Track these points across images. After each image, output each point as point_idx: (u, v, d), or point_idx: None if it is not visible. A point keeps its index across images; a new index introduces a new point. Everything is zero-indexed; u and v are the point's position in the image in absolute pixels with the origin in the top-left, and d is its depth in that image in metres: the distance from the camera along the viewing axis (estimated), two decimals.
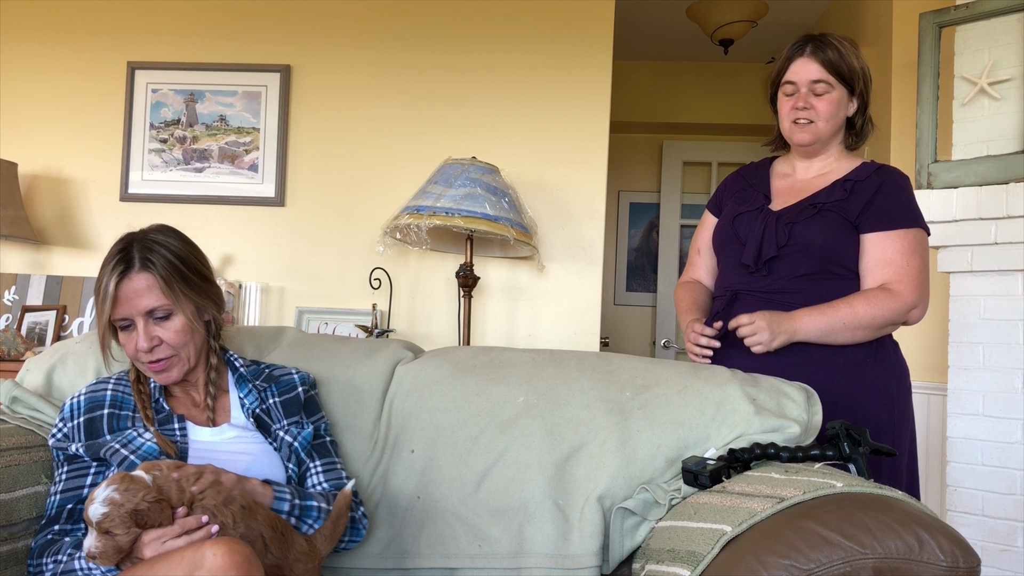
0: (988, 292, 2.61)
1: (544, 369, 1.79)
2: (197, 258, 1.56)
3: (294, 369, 1.68)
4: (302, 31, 3.40)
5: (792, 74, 1.95)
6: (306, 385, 1.66)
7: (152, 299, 1.47)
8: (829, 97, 1.93)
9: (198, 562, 1.17)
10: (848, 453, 1.52)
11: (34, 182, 3.41)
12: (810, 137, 1.96)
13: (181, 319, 1.49)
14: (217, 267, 3.31)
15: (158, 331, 1.48)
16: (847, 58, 1.92)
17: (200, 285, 1.53)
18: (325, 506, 1.48)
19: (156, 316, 1.48)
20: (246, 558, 1.19)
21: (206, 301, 1.54)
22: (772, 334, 1.82)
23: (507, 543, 1.59)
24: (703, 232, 2.18)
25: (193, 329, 1.51)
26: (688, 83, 5.02)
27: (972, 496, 2.60)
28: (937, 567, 1.13)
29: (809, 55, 1.93)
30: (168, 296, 1.47)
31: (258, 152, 3.36)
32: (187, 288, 1.50)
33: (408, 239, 2.93)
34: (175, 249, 1.52)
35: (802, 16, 4.25)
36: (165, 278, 1.47)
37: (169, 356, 1.50)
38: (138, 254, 1.48)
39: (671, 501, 1.54)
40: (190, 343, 1.51)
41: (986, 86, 2.62)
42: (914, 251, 1.88)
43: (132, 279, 1.46)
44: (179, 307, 1.48)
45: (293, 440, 1.56)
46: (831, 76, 1.92)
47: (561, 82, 3.33)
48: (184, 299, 1.49)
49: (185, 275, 1.50)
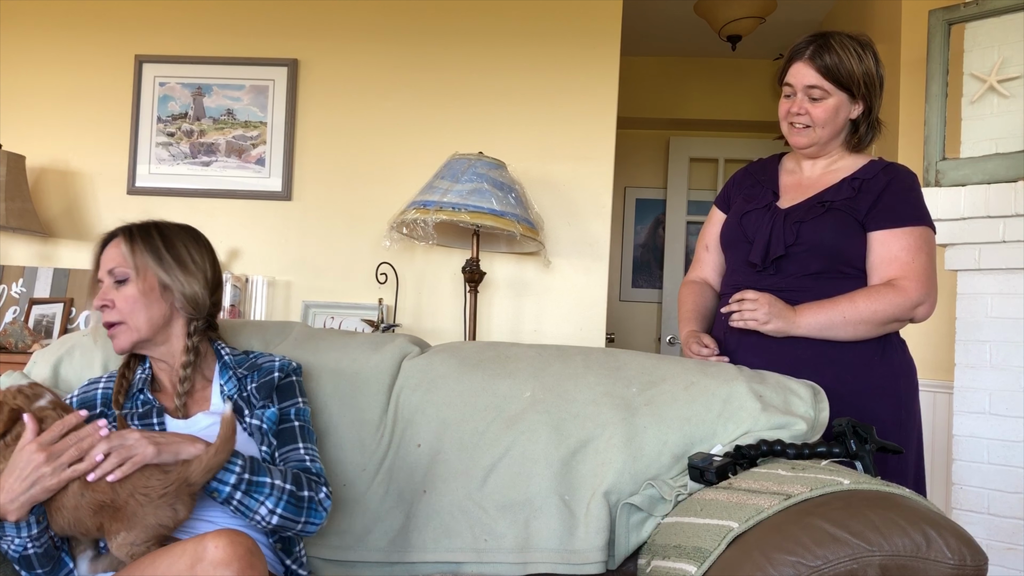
0: (995, 290, 2.60)
1: (551, 364, 1.80)
2: (187, 246, 1.58)
3: (279, 357, 1.65)
4: (309, 25, 3.40)
5: (790, 77, 1.94)
6: (284, 372, 1.62)
7: (115, 260, 1.53)
8: (825, 104, 1.90)
9: (200, 554, 1.18)
10: (855, 450, 1.52)
11: (42, 175, 3.41)
12: (806, 141, 1.95)
13: (134, 287, 1.51)
14: (224, 261, 3.31)
15: (112, 294, 1.52)
16: (846, 64, 1.87)
17: (173, 266, 1.54)
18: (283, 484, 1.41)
19: (116, 279, 1.52)
20: (248, 550, 1.19)
21: (176, 282, 1.54)
22: (768, 315, 1.82)
23: (513, 538, 1.59)
24: (711, 228, 2.17)
25: (147, 303, 1.51)
26: (695, 79, 5.01)
27: (978, 494, 2.59)
28: (944, 565, 1.13)
29: (807, 60, 1.89)
30: (128, 261, 1.52)
31: (265, 146, 3.36)
32: (155, 262, 1.53)
33: (415, 234, 2.93)
34: (164, 229, 1.58)
35: (810, 13, 4.23)
36: (132, 246, 1.53)
37: (117, 322, 1.51)
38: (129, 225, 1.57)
39: (677, 497, 1.54)
40: (141, 315, 1.51)
41: (995, 83, 2.61)
42: (920, 248, 1.86)
43: (112, 244, 1.55)
44: (137, 276, 1.51)
45: (260, 423, 1.54)
46: (827, 82, 1.88)
47: (568, 77, 3.33)
48: (146, 270, 1.52)
49: (159, 251, 1.54)
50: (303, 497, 1.43)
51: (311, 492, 1.45)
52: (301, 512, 1.43)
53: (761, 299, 1.83)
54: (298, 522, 1.43)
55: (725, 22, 3.99)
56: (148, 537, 1.30)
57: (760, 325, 1.83)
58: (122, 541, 1.30)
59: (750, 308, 1.83)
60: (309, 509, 1.45)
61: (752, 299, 1.84)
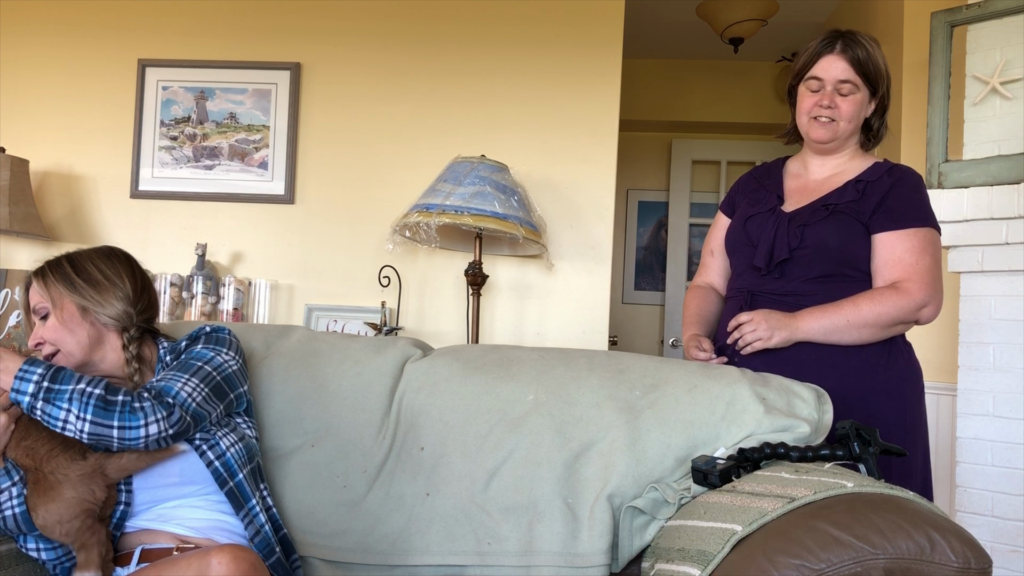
0: (998, 292, 2.60)
1: (554, 367, 1.79)
2: (97, 266, 1.62)
3: (200, 326, 1.67)
4: (312, 29, 3.41)
5: (820, 70, 1.92)
6: (192, 336, 1.63)
7: (35, 299, 1.59)
8: (854, 98, 1.91)
9: (203, 571, 1.18)
10: (858, 453, 1.52)
11: (45, 179, 3.42)
12: (829, 135, 1.94)
13: (54, 318, 1.56)
14: (226, 265, 3.32)
15: (41, 331, 1.57)
16: (875, 59, 1.90)
17: (86, 287, 1.58)
18: (89, 388, 1.36)
19: (39, 316, 1.58)
20: (252, 565, 1.20)
21: (92, 302, 1.58)
22: (770, 330, 1.82)
23: (516, 541, 1.59)
24: (716, 233, 2.17)
25: (70, 329, 1.56)
26: (697, 82, 5.01)
27: (981, 497, 2.59)
28: (949, 568, 1.13)
29: (839, 53, 1.90)
30: (44, 296, 1.57)
31: (268, 150, 3.37)
32: (68, 290, 1.57)
33: (417, 237, 2.93)
34: (74, 257, 1.63)
35: (812, 15, 4.23)
36: (45, 281, 1.58)
37: (52, 353, 1.55)
38: (42, 264, 1.62)
39: (681, 500, 1.54)
40: (69, 341, 1.55)
41: (998, 85, 2.61)
42: (924, 250, 1.86)
43: (32, 286, 1.61)
44: (54, 307, 1.57)
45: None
46: (858, 76, 1.89)
47: (570, 80, 3.33)
48: (61, 300, 1.57)
49: (69, 278, 1.58)
50: (115, 401, 1.36)
51: (126, 398, 1.38)
52: (112, 416, 1.35)
53: (756, 317, 1.83)
54: (111, 426, 1.35)
55: (727, 24, 4.00)
56: (75, 514, 1.38)
57: (766, 342, 1.83)
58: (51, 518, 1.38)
59: (750, 330, 1.83)
60: (122, 413, 1.36)
61: (747, 320, 1.84)
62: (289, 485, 1.71)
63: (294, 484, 1.71)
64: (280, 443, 1.75)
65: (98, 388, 1.37)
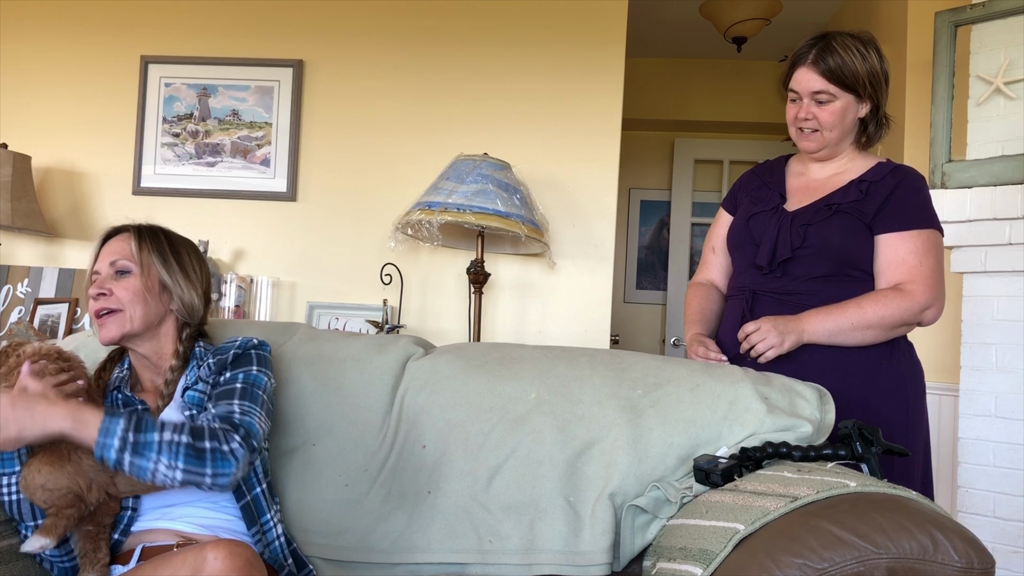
0: (1001, 293, 2.59)
1: (556, 366, 1.79)
2: (189, 255, 1.62)
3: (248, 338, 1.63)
4: (315, 27, 3.41)
5: (794, 83, 1.93)
6: (242, 347, 1.59)
7: (119, 252, 1.56)
8: (832, 107, 1.90)
9: (199, 566, 1.18)
10: (860, 453, 1.52)
11: (47, 175, 3.42)
12: (815, 145, 1.95)
13: (137, 280, 1.54)
14: (228, 262, 3.32)
15: (111, 283, 1.53)
16: (849, 65, 1.86)
17: (177, 270, 1.58)
18: (175, 437, 1.32)
19: (117, 270, 1.54)
20: (247, 561, 1.19)
21: (176, 286, 1.57)
22: (781, 335, 1.81)
23: (518, 539, 1.59)
24: (718, 230, 2.17)
25: (146, 299, 1.54)
26: (700, 81, 5.01)
27: (983, 497, 2.59)
28: (951, 568, 1.13)
29: (810, 65, 1.89)
30: (134, 255, 1.55)
31: (270, 147, 3.37)
32: (160, 262, 1.57)
33: (419, 235, 2.93)
34: (171, 235, 1.62)
35: (816, 14, 4.23)
36: (140, 242, 1.57)
37: (113, 309, 1.52)
38: (138, 224, 1.61)
39: (683, 499, 1.53)
40: (138, 308, 1.53)
41: (1002, 85, 2.60)
42: (927, 251, 1.85)
43: (118, 238, 1.58)
44: (141, 271, 1.55)
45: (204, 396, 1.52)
46: (833, 85, 1.88)
47: (573, 79, 3.33)
48: (150, 267, 1.55)
49: (164, 252, 1.58)
50: (204, 448, 1.34)
51: (214, 443, 1.35)
52: (204, 463, 1.33)
53: (764, 325, 1.82)
54: (204, 474, 1.33)
55: (731, 24, 3.99)
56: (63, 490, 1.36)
57: (779, 348, 1.82)
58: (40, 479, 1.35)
59: (760, 339, 1.82)
60: (215, 460, 1.34)
61: (755, 330, 1.83)
62: (290, 484, 1.71)
63: (295, 482, 1.71)
64: (281, 441, 1.75)
65: (184, 435, 1.33)
